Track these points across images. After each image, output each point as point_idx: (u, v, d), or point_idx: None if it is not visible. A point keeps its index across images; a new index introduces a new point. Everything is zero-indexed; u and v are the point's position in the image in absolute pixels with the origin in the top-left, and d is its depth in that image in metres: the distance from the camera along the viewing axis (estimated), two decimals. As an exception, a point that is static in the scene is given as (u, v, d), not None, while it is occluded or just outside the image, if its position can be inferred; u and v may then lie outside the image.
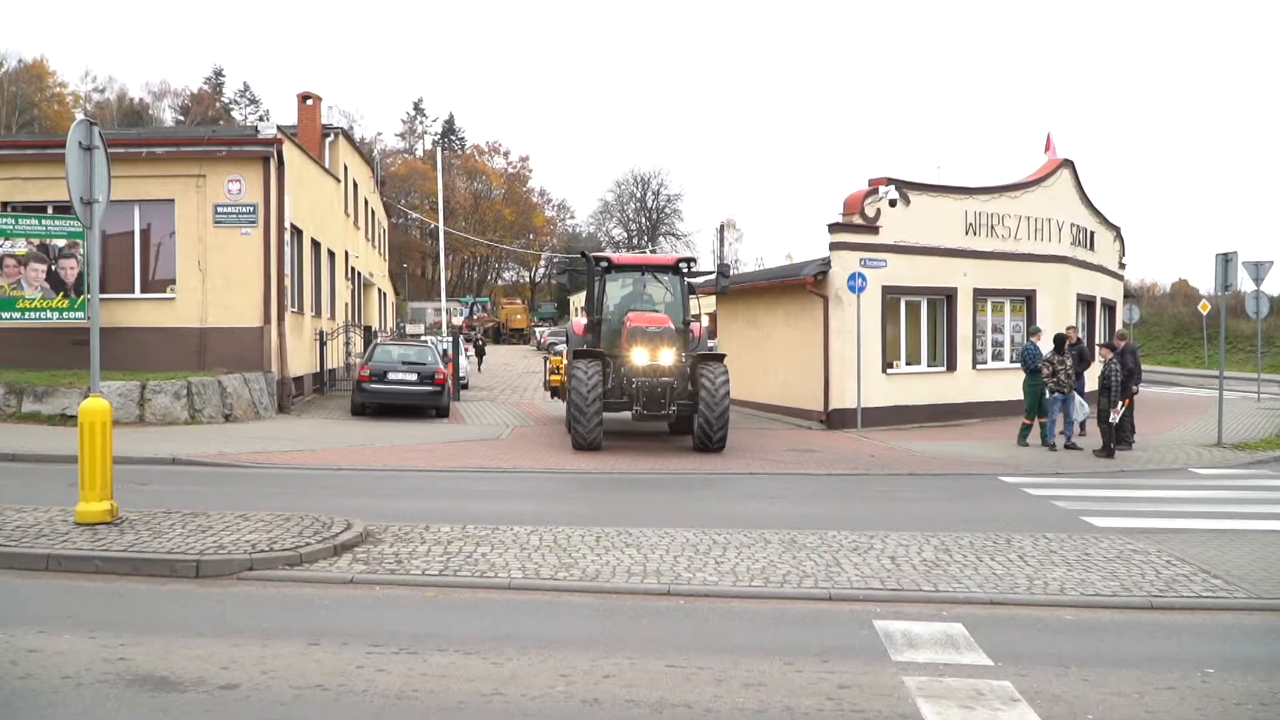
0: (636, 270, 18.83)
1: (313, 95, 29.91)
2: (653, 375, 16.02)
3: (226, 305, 20.39)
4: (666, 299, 18.42)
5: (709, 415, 16.07)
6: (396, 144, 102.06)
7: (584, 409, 15.82)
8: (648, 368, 16.03)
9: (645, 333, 16.17)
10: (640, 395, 16.04)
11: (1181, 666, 6.13)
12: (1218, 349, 48.57)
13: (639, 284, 18.71)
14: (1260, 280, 25.23)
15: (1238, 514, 11.64)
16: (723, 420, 16.11)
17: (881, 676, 5.84)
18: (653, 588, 7.63)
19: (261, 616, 6.78)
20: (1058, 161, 26.00)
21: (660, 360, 16.06)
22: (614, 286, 18.67)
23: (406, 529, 9.35)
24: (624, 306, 18.15)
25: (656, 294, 18.59)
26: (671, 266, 18.55)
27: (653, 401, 16.07)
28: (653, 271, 18.71)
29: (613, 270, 18.45)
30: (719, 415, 16.08)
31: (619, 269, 18.59)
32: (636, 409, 16.18)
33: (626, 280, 18.80)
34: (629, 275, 18.79)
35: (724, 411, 16.09)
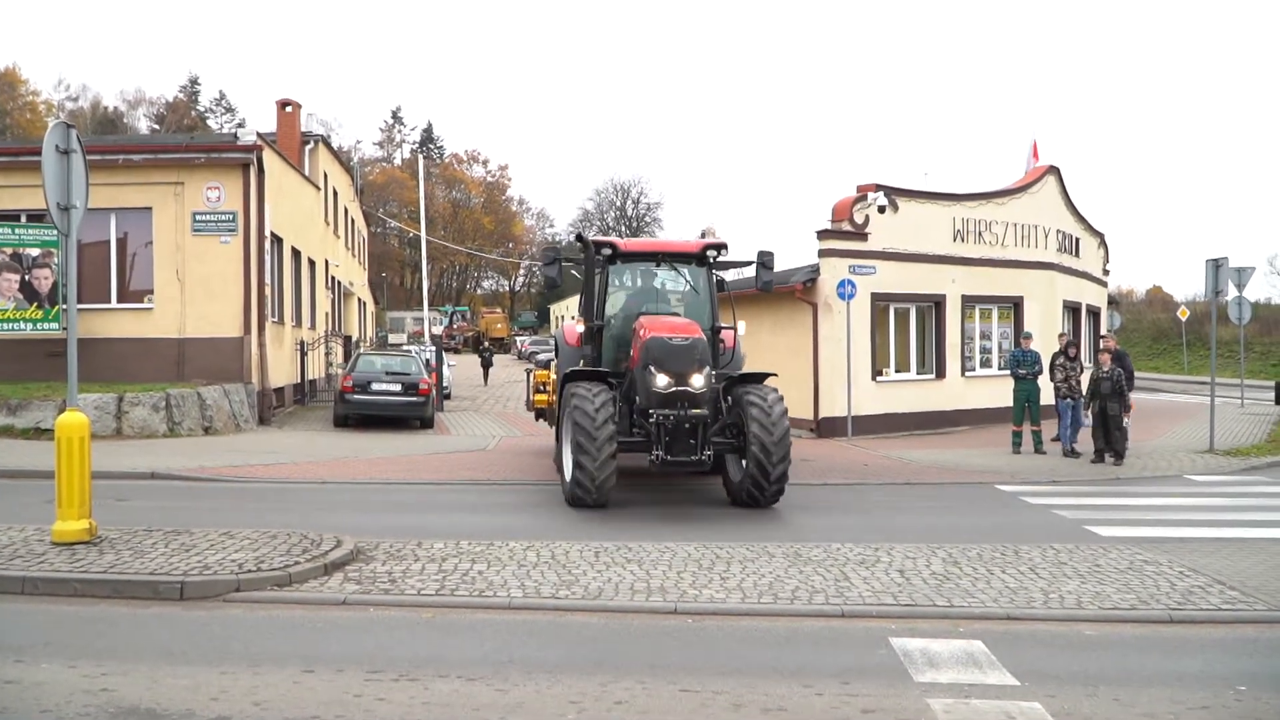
0: (649, 260, 14.01)
1: (292, 102, 29.51)
2: (680, 405, 11.50)
3: (205, 315, 19.97)
4: (689, 299, 13.92)
5: (764, 455, 11.46)
6: (375, 152, 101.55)
7: (592, 453, 11.14)
8: (673, 394, 11.48)
9: (669, 346, 11.59)
10: (663, 433, 11.51)
11: (1212, 684, 5.92)
12: (1197, 356, 49.15)
13: (649, 279, 14.17)
14: (1242, 286, 25.28)
15: (1241, 522, 11.50)
16: (783, 461, 11.61)
17: (905, 699, 5.59)
18: (659, 606, 7.35)
19: (251, 641, 6.45)
20: (1044, 168, 26.01)
21: (691, 384, 11.53)
22: (619, 282, 14.03)
23: (399, 545, 9.03)
24: (633, 309, 13.56)
25: (676, 292, 14.25)
26: (696, 255, 13.69)
27: (680, 441, 11.50)
28: (671, 261, 13.90)
29: (618, 260, 13.60)
30: (779, 455, 11.53)
31: (627, 258, 13.73)
32: (658, 453, 11.48)
33: (636, 274, 14.21)
34: (639, 267, 14.14)
35: (785, 450, 11.61)
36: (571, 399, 11.56)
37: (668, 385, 11.51)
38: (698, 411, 11.54)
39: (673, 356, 11.58)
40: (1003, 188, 24.79)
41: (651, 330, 12.01)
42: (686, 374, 11.52)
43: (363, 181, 66.03)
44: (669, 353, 11.61)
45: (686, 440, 11.53)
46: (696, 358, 11.63)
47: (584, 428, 11.16)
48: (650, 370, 11.55)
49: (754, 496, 11.76)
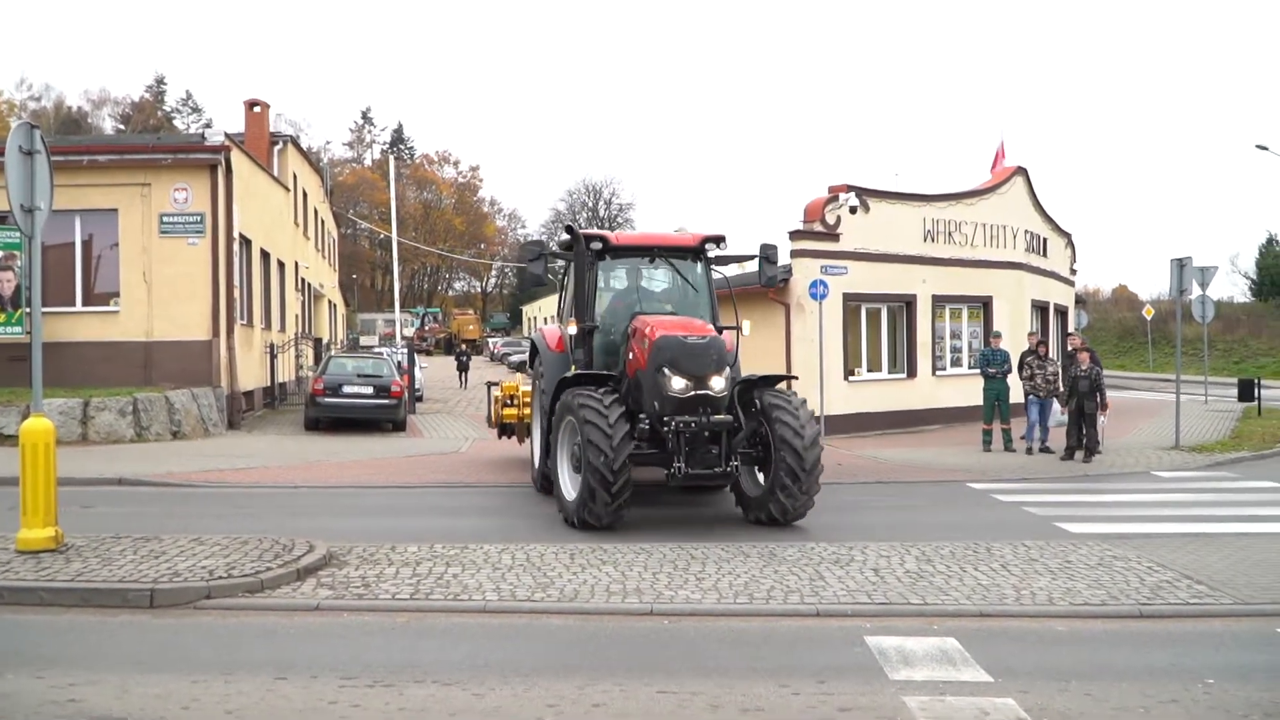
0: (643, 254, 12.61)
1: (260, 102, 29.24)
2: (701, 411, 10.46)
3: (173, 318, 19.75)
4: (686, 296, 12.59)
5: (796, 467, 10.39)
6: (345, 153, 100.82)
7: (609, 472, 9.89)
8: (692, 399, 10.40)
9: (685, 346, 10.47)
10: (682, 443, 10.46)
11: (1181, 678, 6.00)
12: (1162, 353, 49.80)
13: (634, 276, 12.87)
14: (1206, 285, 25.70)
15: (1206, 517, 11.65)
16: (815, 474, 10.56)
17: (881, 697, 5.62)
18: (634, 607, 7.35)
19: (223, 649, 6.38)
20: (1012, 169, 26.24)
21: (711, 387, 10.47)
22: (608, 279, 12.76)
23: (372, 550, 8.97)
24: (622, 308, 12.33)
25: (671, 289, 12.88)
26: (693, 249, 12.54)
27: (699, 452, 10.49)
28: (666, 256, 12.60)
29: (607, 255, 12.23)
30: (811, 467, 10.47)
31: (618, 253, 12.38)
32: (678, 466, 10.36)
33: (624, 270, 12.87)
34: (631, 262, 12.77)
35: (818, 460, 10.58)
36: (580, 410, 10.21)
37: (686, 389, 10.38)
38: (721, 418, 10.48)
39: (690, 357, 10.45)
40: (972, 188, 25.00)
41: (661, 329, 10.78)
42: (706, 376, 10.44)
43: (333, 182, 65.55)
44: (686, 353, 10.46)
45: (707, 450, 10.48)
46: (716, 358, 10.57)
47: (599, 445, 9.90)
48: (664, 373, 10.38)
49: (781, 512, 10.58)
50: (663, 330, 10.79)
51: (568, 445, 10.88)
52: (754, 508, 11.00)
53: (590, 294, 12.09)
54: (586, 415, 10.14)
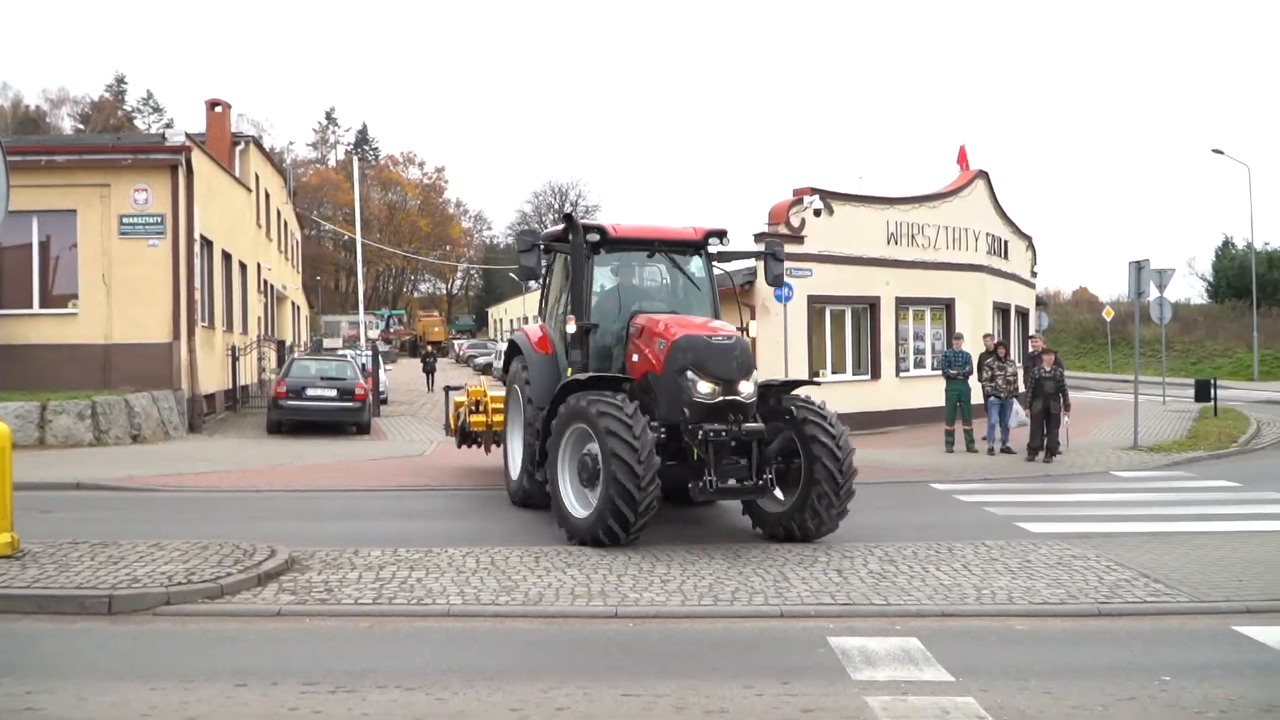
0: (643, 248, 11.57)
1: (222, 102, 28.95)
2: (731, 419, 9.65)
3: (133, 320, 19.48)
4: (686, 294, 11.68)
5: (830, 484, 9.68)
6: (308, 154, 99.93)
7: (640, 488, 9.00)
8: (720, 406, 9.62)
9: (711, 346, 9.74)
10: (712, 454, 9.51)
11: (1138, 675, 6.09)
12: (1121, 355, 50.54)
13: (627, 271, 11.87)
14: (1164, 287, 26.06)
15: (1164, 516, 11.84)
16: (851, 489, 9.92)
17: (844, 697, 5.66)
18: (599, 610, 7.35)
19: (182, 655, 6.30)
20: (973, 173, 26.52)
21: (740, 392, 9.73)
22: (601, 274, 11.65)
23: (334, 554, 8.89)
24: (612, 306, 11.35)
25: (671, 286, 11.87)
26: (696, 243, 11.59)
27: (729, 463, 9.64)
28: (667, 250, 11.60)
29: (603, 248, 11.13)
30: (846, 483, 9.81)
31: (615, 245, 11.27)
32: (709, 478, 9.40)
33: (617, 265, 11.81)
34: (628, 256, 11.72)
35: (853, 476, 9.94)
36: (601, 419, 9.18)
37: (713, 394, 9.60)
38: (754, 426, 9.68)
39: (717, 359, 9.69)
40: (934, 192, 25.25)
41: (680, 328, 9.99)
42: (735, 380, 9.70)
43: (296, 183, 64.97)
44: (712, 354, 9.70)
45: (735, 461, 9.66)
46: (745, 361, 9.89)
47: (626, 458, 8.94)
48: (688, 377, 9.60)
49: (810, 529, 9.86)
50: (683, 330, 9.94)
51: (573, 456, 9.86)
52: (774, 524, 10.13)
53: (588, 289, 11.03)
54: (609, 425, 9.11)
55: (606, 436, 9.11)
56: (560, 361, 11.25)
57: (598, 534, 9.31)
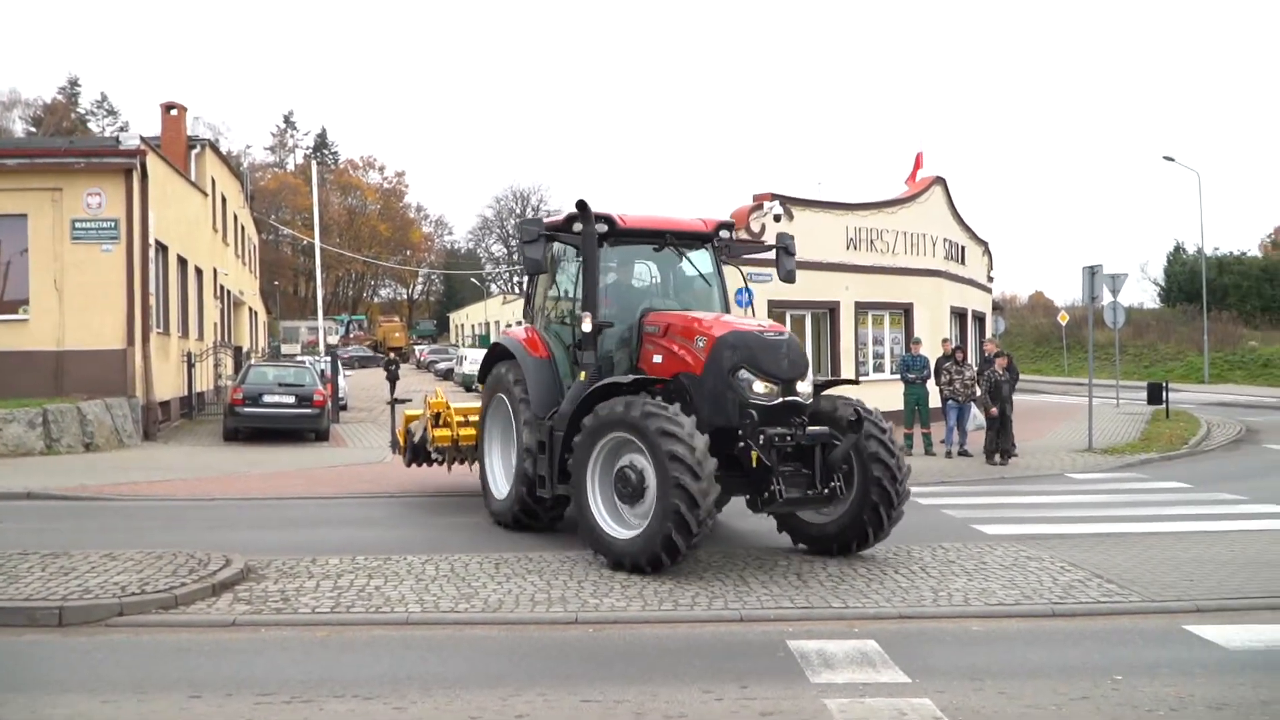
0: (652, 240, 10.58)
1: (177, 105, 28.55)
2: (794, 423, 8.92)
3: (86, 326, 19.14)
4: (694, 289, 10.88)
5: (885, 500, 9.08)
6: (266, 158, 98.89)
7: (701, 505, 8.16)
8: (780, 408, 8.88)
9: (765, 343, 9.04)
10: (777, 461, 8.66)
11: (1091, 675, 6.19)
12: (1076, 358, 51.30)
13: (632, 265, 10.96)
14: (1117, 291, 26.51)
15: (1116, 517, 12.06)
16: (902, 508, 9.38)
17: (802, 700, 5.70)
18: (559, 616, 7.33)
19: (135, 667, 6.20)
20: (930, 179, 26.80)
21: (799, 393, 9.08)
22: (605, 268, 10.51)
23: (291, 563, 8.79)
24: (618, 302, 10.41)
25: (677, 280, 10.99)
26: (706, 235, 10.82)
27: (790, 471, 8.82)
28: (678, 243, 10.68)
29: (606, 241, 10.16)
30: (901, 498, 9.24)
31: (623, 237, 10.36)
32: (777, 488, 8.59)
33: (621, 258, 10.74)
34: (629, 250, 10.72)
35: (906, 495, 9.35)
36: (655, 431, 8.29)
37: (771, 394, 8.86)
38: (819, 429, 8.95)
39: (772, 356, 8.96)
40: (893, 197, 25.48)
41: (724, 325, 9.26)
42: (793, 379, 9.01)
43: (253, 187, 64.27)
44: (767, 351, 8.97)
45: (798, 469, 8.88)
46: (801, 358, 9.22)
47: (686, 475, 8.09)
48: (740, 377, 8.84)
49: (858, 541, 9.29)
50: (727, 325, 9.23)
51: (605, 469, 8.96)
52: (816, 536, 9.49)
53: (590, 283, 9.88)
54: (665, 435, 8.23)
55: (663, 449, 8.20)
56: (560, 366, 10.40)
57: (649, 557, 8.36)
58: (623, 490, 8.78)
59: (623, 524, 8.82)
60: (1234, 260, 58.03)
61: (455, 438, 12.66)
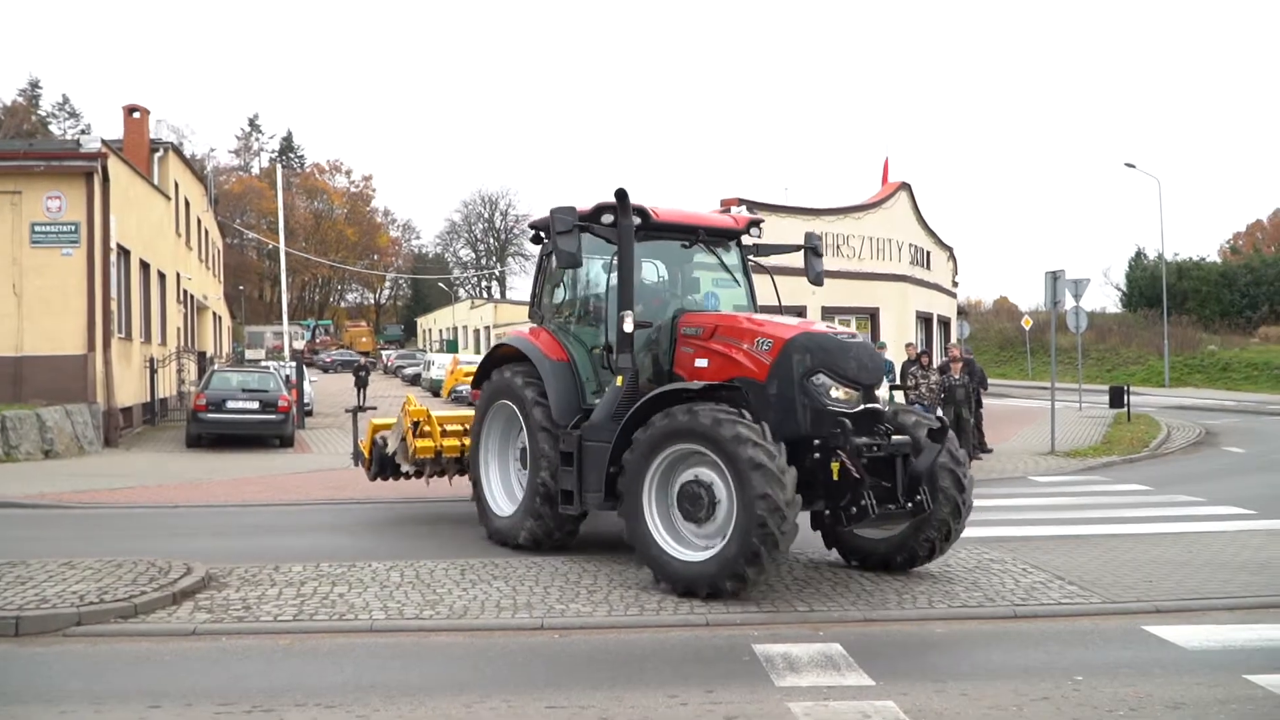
0: (684, 235, 10.01)
1: (140, 108, 28.24)
2: (877, 433, 8.35)
3: (46, 331, 18.88)
4: (720, 288, 10.39)
5: (954, 516, 8.61)
6: (231, 161, 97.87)
7: (788, 521, 7.56)
8: (863, 415, 8.31)
9: (844, 345, 8.43)
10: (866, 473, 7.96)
11: (1052, 675, 6.25)
12: (1040, 362, 51.88)
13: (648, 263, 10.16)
14: (1079, 296, 26.83)
15: (1079, 519, 12.20)
16: (965, 523, 8.91)
17: (767, 704, 5.71)
18: (525, 622, 7.31)
19: (93, 678, 6.11)
20: (896, 184, 27.07)
21: (878, 399, 8.75)
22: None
23: (254, 570, 8.70)
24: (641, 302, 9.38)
25: (701, 278, 10.45)
26: (737, 232, 10.36)
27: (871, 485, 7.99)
28: (708, 240, 10.11)
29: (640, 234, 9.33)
30: (969, 504, 8.79)
31: (654, 232, 9.63)
32: (868, 503, 7.90)
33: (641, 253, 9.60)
34: (657, 245, 9.95)
35: (970, 508, 8.89)
36: (736, 444, 7.51)
37: (853, 401, 8.25)
38: (903, 438, 8.33)
39: (852, 360, 8.32)
40: (859, 203, 25.71)
41: (791, 326, 8.57)
42: (873, 385, 8.50)
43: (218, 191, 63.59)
44: (845, 354, 8.30)
45: (877, 482, 8.10)
46: (879, 362, 8.68)
47: (772, 493, 7.40)
48: (816, 383, 8.13)
49: (915, 558, 8.78)
50: (796, 327, 8.53)
51: (663, 484, 8.18)
52: (872, 551, 8.92)
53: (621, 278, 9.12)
54: (748, 450, 7.48)
55: (743, 459, 7.47)
56: (581, 370, 9.66)
57: (732, 578, 7.65)
58: (689, 508, 7.96)
59: (685, 544, 8.04)
60: (1193, 266, 59.02)
61: (439, 448, 11.62)
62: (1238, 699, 5.78)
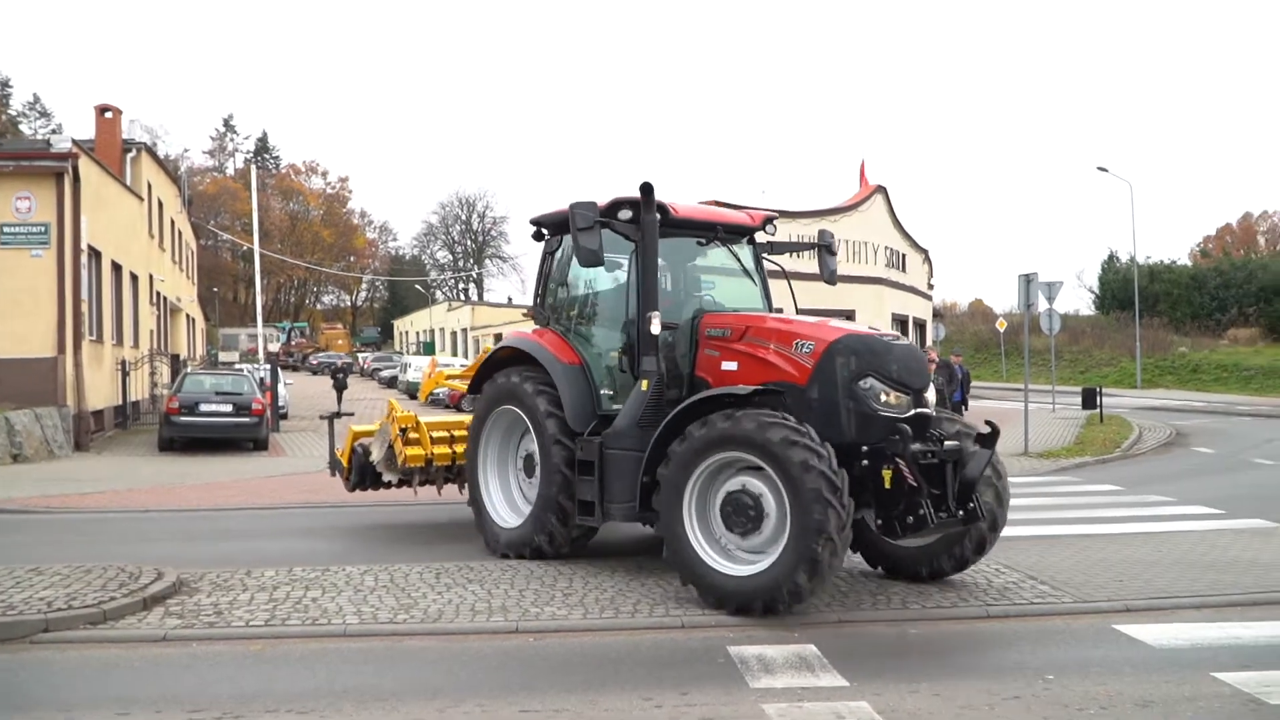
0: (703, 232, 9.65)
1: (112, 108, 27.95)
2: (930, 439, 8.02)
3: (15, 334, 18.68)
4: (733, 288, 9.98)
5: (991, 529, 8.38)
6: (205, 161, 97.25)
7: (845, 532, 7.25)
8: (915, 420, 7.87)
9: (894, 350, 8.11)
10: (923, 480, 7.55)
11: (1024, 675, 6.30)
12: (1014, 364, 52.28)
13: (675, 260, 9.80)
14: (1052, 299, 27.08)
15: (1051, 519, 12.29)
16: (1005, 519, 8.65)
17: (741, 706, 5.72)
18: (500, 626, 7.28)
19: (61, 685, 6.04)
20: (872, 188, 27.23)
21: (928, 404, 8.31)
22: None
23: (226, 575, 8.62)
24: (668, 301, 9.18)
25: (708, 277, 10.10)
26: (752, 229, 10.01)
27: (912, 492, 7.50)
28: (725, 237, 9.73)
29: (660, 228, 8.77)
30: (1003, 522, 8.57)
31: (673, 229, 9.19)
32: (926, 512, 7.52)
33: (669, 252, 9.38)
34: (677, 243, 9.55)
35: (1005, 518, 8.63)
36: (790, 451, 7.13)
37: (904, 406, 7.89)
38: (955, 444, 8.04)
39: (901, 363, 7.98)
40: (835, 206, 25.84)
41: (833, 328, 8.19)
42: (922, 389, 8.14)
43: (192, 192, 63.10)
44: (895, 357, 7.99)
45: (930, 490, 7.67)
46: (924, 365, 8.39)
47: (832, 503, 7.04)
48: (865, 387, 7.77)
49: (946, 568, 8.54)
50: (836, 330, 8.16)
51: (704, 494, 7.77)
52: (902, 558, 8.65)
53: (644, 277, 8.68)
54: (801, 454, 7.11)
55: (797, 465, 7.10)
56: (594, 373, 9.24)
57: (792, 590, 7.23)
58: (735, 519, 7.57)
59: (728, 558, 7.65)
60: (1165, 269, 59.69)
61: (430, 456, 10.88)
62: (1205, 696, 5.85)
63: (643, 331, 8.49)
